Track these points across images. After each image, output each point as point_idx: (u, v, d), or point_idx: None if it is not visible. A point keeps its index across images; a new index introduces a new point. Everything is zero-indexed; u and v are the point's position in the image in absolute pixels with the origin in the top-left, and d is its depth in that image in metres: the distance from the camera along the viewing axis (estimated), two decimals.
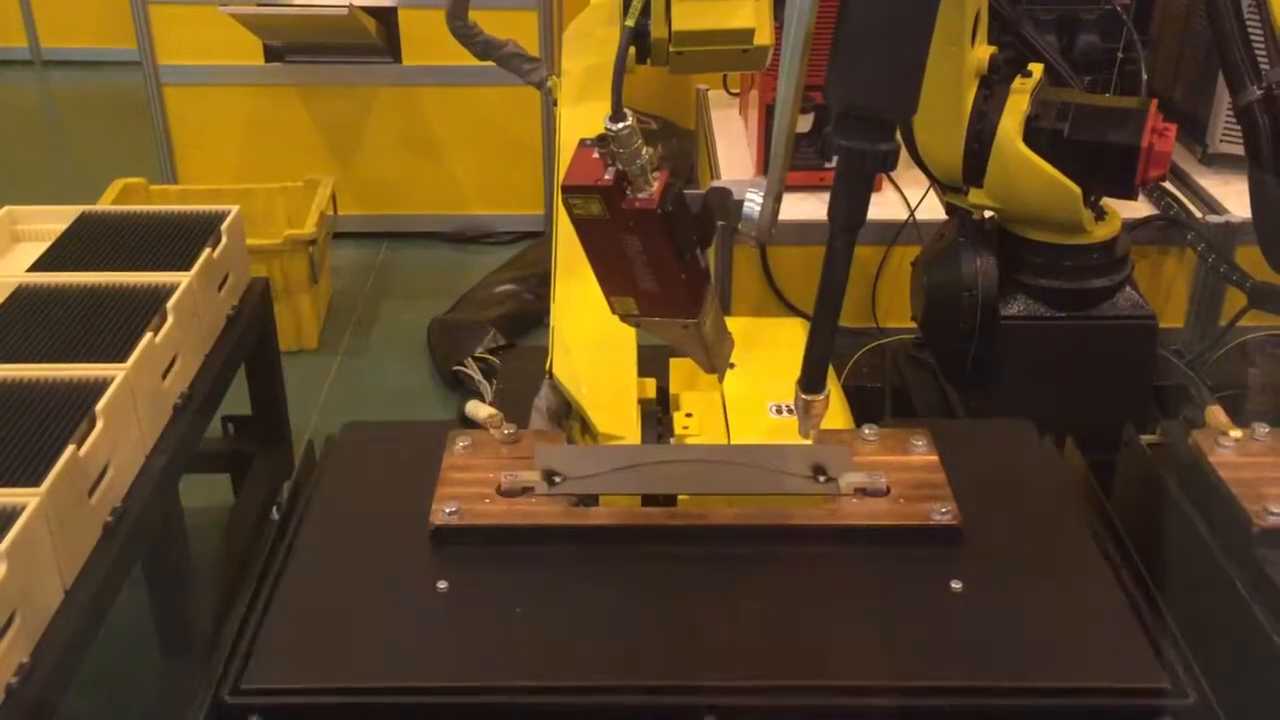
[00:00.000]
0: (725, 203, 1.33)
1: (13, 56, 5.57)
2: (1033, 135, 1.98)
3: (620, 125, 1.17)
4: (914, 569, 1.29)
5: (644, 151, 1.19)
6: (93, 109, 5.17)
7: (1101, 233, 2.07)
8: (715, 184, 1.33)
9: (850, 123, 1.18)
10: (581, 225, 1.24)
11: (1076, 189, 1.98)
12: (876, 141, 1.18)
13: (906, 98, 1.21)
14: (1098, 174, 1.99)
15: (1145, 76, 2.64)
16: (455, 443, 1.45)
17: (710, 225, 1.32)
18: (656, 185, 1.21)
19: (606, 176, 1.19)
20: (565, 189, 1.21)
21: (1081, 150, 1.96)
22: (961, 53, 1.93)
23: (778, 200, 1.33)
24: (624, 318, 1.34)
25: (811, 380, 1.33)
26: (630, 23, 1.20)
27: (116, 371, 1.83)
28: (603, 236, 1.24)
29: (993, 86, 2.00)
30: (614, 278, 1.29)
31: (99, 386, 1.80)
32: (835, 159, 1.23)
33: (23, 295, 2.08)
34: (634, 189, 1.20)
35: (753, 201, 1.31)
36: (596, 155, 1.20)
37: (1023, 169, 1.98)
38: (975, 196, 2.06)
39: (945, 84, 1.96)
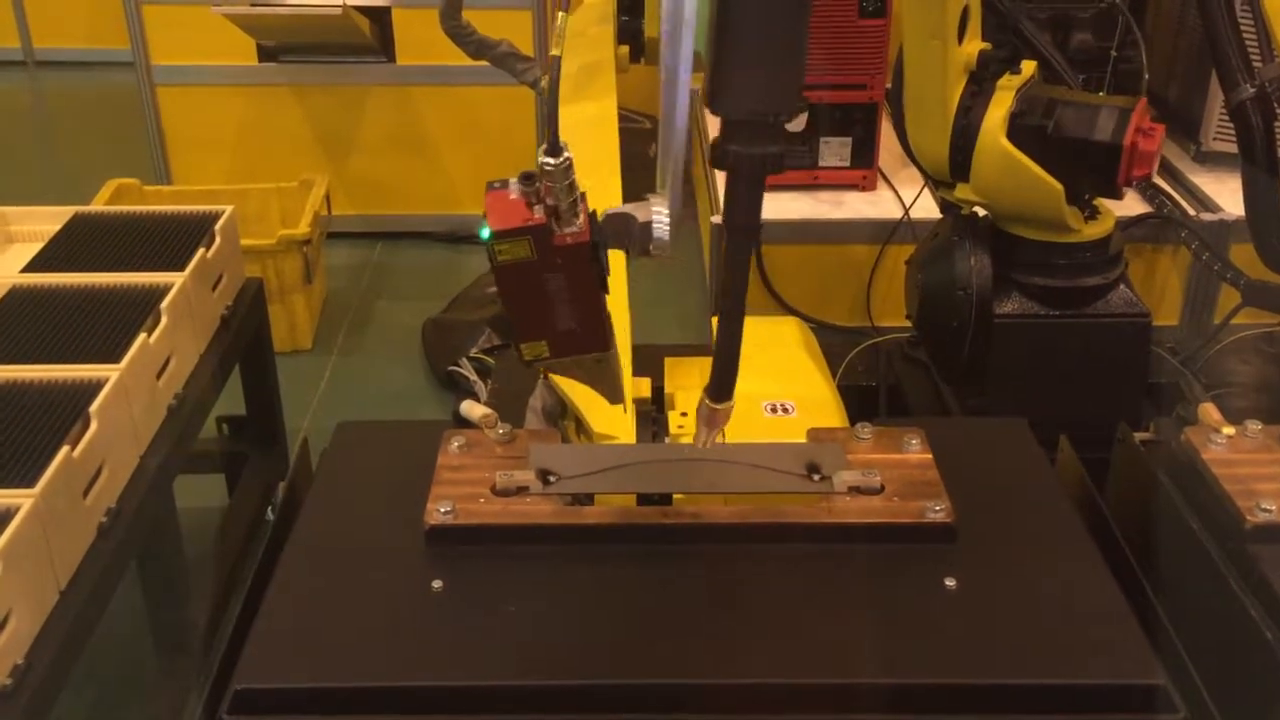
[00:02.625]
0: (629, 228, 1.26)
1: (5, 57, 5.57)
2: (1017, 132, 1.98)
3: (560, 160, 1.12)
4: (908, 567, 1.30)
5: (575, 185, 1.14)
6: (86, 109, 5.16)
7: (1095, 231, 2.07)
8: (610, 212, 1.28)
9: (743, 129, 1.16)
10: (505, 272, 1.18)
11: (1058, 186, 1.98)
12: (769, 145, 1.17)
13: (793, 96, 1.19)
14: (1081, 172, 1.99)
15: (1147, 76, 2.64)
16: (450, 442, 1.45)
17: (605, 252, 1.25)
18: (582, 216, 1.16)
19: (537, 215, 1.14)
20: (496, 235, 1.15)
21: (1065, 148, 1.96)
22: (945, 48, 1.93)
23: (678, 214, 1.28)
24: (533, 363, 1.27)
25: (721, 387, 1.29)
26: (556, 52, 1.15)
27: (110, 372, 1.83)
28: (526, 280, 1.19)
29: (982, 83, 2.00)
30: (530, 322, 1.23)
31: (93, 387, 1.79)
32: (724, 169, 1.18)
33: (16, 296, 2.07)
34: (562, 224, 1.15)
35: (662, 222, 1.26)
36: (515, 196, 1.15)
37: (1005, 165, 1.98)
38: (962, 191, 2.07)
39: (930, 79, 1.97)
